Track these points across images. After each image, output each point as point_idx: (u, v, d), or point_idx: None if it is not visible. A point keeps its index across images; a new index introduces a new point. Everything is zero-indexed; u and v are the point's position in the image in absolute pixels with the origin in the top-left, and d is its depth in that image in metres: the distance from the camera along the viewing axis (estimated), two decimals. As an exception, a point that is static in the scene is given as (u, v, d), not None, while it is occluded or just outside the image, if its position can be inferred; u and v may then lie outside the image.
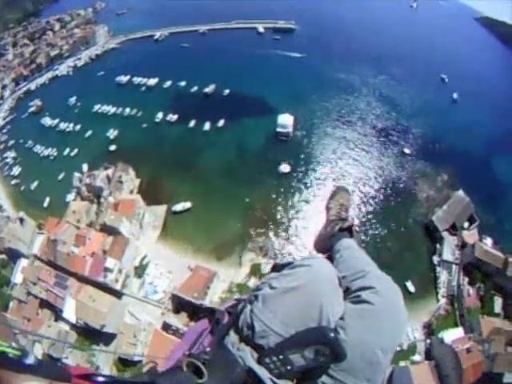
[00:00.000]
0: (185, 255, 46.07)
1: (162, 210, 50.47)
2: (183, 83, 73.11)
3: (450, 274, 43.46)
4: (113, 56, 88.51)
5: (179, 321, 40.24)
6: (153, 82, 75.19)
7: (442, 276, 43.54)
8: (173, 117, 65.48)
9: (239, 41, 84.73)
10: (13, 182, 64.97)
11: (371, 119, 63.74)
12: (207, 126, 62.49)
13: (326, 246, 2.79)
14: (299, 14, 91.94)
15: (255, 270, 42.85)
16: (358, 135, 60.46)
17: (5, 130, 76.52)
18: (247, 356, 1.79)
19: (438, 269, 43.95)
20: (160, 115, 66.11)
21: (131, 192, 52.82)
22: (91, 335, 42.09)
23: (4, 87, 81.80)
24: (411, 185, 53.17)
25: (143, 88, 75.03)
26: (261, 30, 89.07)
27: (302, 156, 55.96)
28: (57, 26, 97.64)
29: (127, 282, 45.02)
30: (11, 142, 72.39)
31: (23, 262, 48.97)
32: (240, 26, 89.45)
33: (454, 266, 43.83)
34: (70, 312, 42.67)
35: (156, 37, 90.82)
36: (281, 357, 1.73)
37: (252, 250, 45.50)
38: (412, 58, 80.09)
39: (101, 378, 1.36)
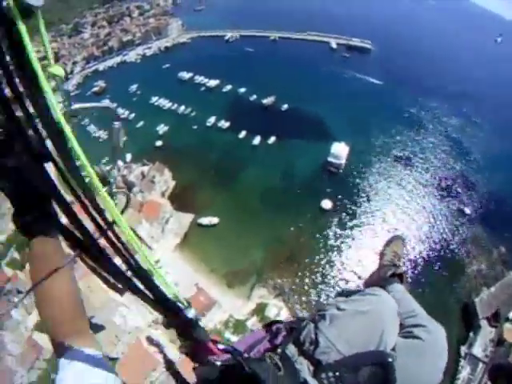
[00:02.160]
0: (197, 272, 43.40)
1: (187, 218, 48.04)
2: (243, 89, 70.95)
3: (473, 373, 34.58)
4: (181, 50, 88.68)
5: (165, 336, 37.63)
6: (213, 83, 73.80)
7: (464, 372, 34.77)
8: (225, 124, 63.23)
9: (309, 54, 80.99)
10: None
11: (434, 166, 56.29)
12: (257, 140, 59.35)
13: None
14: (377, 34, 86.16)
15: (260, 310, 39.11)
16: (415, 182, 53.31)
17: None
18: (304, 368, 1.88)
19: (462, 362, 35.22)
20: (212, 119, 64.26)
21: (163, 194, 51.08)
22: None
23: (75, 63, 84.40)
24: (462, 253, 44.95)
25: (203, 88, 73.89)
26: (333, 45, 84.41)
27: (349, 194, 50.48)
28: (135, 13, 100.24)
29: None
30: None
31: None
32: (313, 38, 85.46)
33: (480, 364, 34.93)
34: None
35: (227, 37, 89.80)
36: (337, 373, 1.81)
37: (266, 286, 41.46)
38: (494, 101, 70.74)
39: (221, 346, 1.72)
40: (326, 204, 48.35)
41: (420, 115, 66.03)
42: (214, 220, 47.64)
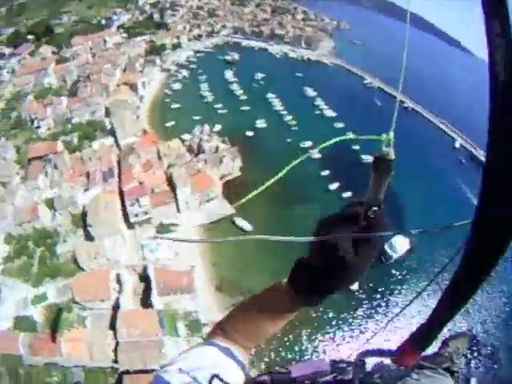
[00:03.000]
0: (200, 256, 42.81)
1: (227, 210, 47.05)
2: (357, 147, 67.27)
3: None
4: (319, 69, 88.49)
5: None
6: (330, 113, 71.68)
7: None
8: (317, 155, 60.15)
9: (431, 143, 75.35)
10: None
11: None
12: (349, 194, 54.29)
13: None
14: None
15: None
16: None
17: (194, 59, 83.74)
18: None
19: None
20: (308, 144, 61.29)
21: (222, 176, 50.84)
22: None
23: (224, 26, 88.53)
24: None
25: (317, 111, 72.28)
26: (457, 144, 76.93)
27: (386, 284, 45.77)
28: (299, 15, 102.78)
29: (146, 225, 44.49)
30: (184, 74, 77.71)
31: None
32: (441, 126, 79.71)
33: None
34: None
35: (366, 81, 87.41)
36: None
37: None
38: None
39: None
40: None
41: None
42: (248, 227, 46.19)
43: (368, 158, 61.88)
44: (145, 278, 39.69)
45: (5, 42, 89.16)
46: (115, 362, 35.20)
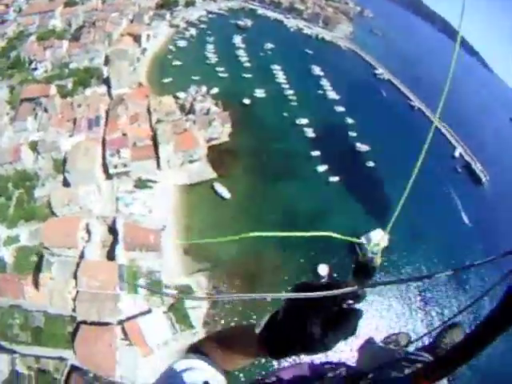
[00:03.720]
0: (173, 216, 42.29)
1: (208, 175, 46.35)
2: (351, 121, 64.79)
3: None
4: (332, 50, 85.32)
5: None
6: (331, 95, 69.20)
7: None
8: (311, 133, 58.36)
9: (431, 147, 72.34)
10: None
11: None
12: (336, 178, 52.81)
13: None
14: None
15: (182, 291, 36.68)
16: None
17: (206, 19, 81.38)
18: None
19: None
20: (304, 121, 59.79)
21: (209, 139, 49.53)
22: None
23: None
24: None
25: (320, 91, 70.02)
26: (456, 154, 72.12)
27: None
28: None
29: (124, 177, 44.40)
30: (192, 32, 76.12)
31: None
32: (443, 130, 76.60)
33: None
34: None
35: (377, 72, 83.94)
36: None
37: (210, 280, 38.69)
38: None
39: None
40: (323, 269, 42.96)
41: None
42: (227, 195, 45.28)
43: (363, 148, 60.22)
44: (113, 230, 39.26)
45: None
46: (74, 310, 35.11)
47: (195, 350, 1.92)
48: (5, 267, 37.85)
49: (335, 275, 42.47)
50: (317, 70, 73.86)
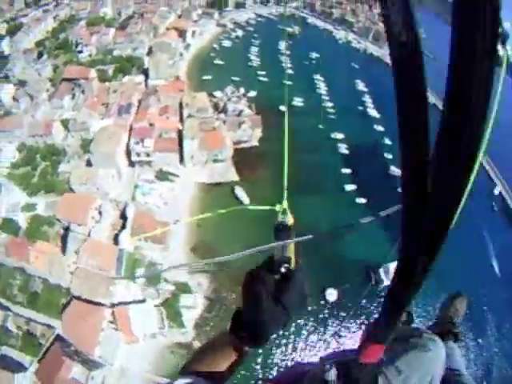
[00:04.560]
0: (188, 209, 41.29)
1: (231, 177, 44.56)
2: (389, 143, 61.53)
3: None
4: (375, 66, 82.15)
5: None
6: (373, 113, 66.52)
7: None
8: (344, 150, 56.48)
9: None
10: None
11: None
12: (363, 200, 49.92)
13: None
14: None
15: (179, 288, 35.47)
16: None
17: (254, 22, 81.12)
18: None
19: None
20: (339, 136, 57.38)
21: (237, 142, 47.95)
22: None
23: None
24: None
25: (360, 107, 67.49)
26: (496, 191, 66.90)
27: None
28: (377, 9, 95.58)
29: (146, 166, 44.35)
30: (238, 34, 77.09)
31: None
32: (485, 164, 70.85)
33: None
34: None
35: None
36: None
37: (212, 282, 36.60)
38: None
39: None
40: (331, 294, 40.42)
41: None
42: (246, 200, 43.35)
43: (397, 172, 56.45)
44: (123, 215, 38.54)
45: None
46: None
47: (187, 372, 1.78)
48: (18, 231, 40.02)
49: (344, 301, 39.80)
50: (360, 86, 71.05)
